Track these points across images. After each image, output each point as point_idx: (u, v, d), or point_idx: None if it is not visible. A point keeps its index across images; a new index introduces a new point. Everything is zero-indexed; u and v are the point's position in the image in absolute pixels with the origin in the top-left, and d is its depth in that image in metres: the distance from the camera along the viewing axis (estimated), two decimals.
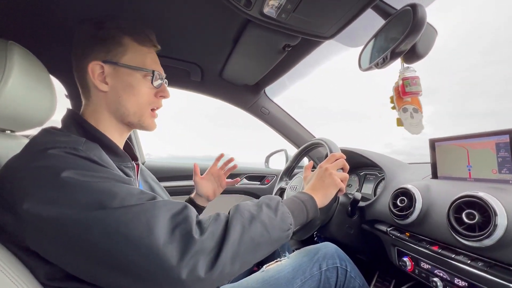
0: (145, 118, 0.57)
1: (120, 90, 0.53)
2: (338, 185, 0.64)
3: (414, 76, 0.59)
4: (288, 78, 1.11)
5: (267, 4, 0.57)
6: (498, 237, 0.47)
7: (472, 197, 0.51)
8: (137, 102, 0.55)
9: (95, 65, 0.52)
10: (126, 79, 0.53)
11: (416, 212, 0.64)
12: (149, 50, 0.57)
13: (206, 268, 0.37)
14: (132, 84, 0.54)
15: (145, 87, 0.55)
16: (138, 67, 0.54)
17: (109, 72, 0.53)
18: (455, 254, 0.55)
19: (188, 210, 0.42)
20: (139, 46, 0.55)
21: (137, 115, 0.55)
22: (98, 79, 0.52)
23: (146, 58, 0.55)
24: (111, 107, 0.54)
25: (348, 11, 0.58)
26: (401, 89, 0.59)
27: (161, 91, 0.58)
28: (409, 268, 0.68)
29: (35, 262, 0.40)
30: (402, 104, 0.60)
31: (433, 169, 0.75)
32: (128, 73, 0.53)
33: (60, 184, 0.37)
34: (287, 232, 0.49)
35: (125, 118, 0.55)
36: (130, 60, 0.54)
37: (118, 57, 0.53)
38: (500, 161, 0.59)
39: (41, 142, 0.43)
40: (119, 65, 0.53)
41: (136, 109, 0.55)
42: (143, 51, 0.55)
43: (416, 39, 0.52)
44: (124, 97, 0.54)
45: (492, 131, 0.60)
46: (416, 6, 0.49)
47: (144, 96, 0.55)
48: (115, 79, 0.53)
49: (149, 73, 0.55)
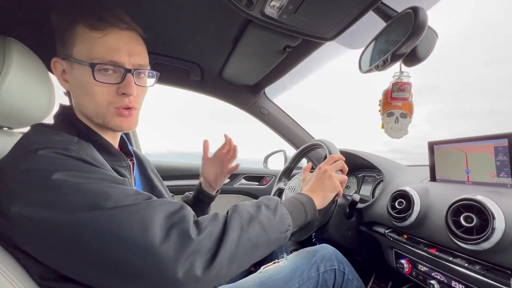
0: (109, 119, 0.48)
1: (76, 89, 0.48)
2: (336, 187, 0.63)
3: (406, 82, 0.59)
4: (288, 79, 1.11)
5: (268, 4, 0.57)
6: (496, 240, 0.47)
7: (470, 200, 0.51)
8: (94, 102, 0.47)
9: (55, 62, 0.48)
10: (77, 76, 0.46)
11: (414, 214, 0.65)
12: (102, 34, 0.45)
13: (202, 267, 0.37)
14: (81, 81, 0.46)
15: (97, 85, 0.45)
16: (81, 60, 0.44)
17: (67, 69, 0.47)
18: (452, 256, 0.55)
19: (185, 209, 0.41)
20: (89, 33, 0.45)
21: (100, 116, 0.48)
22: (62, 78, 0.49)
23: (94, 46, 0.44)
24: (77, 108, 0.50)
25: (349, 13, 0.58)
26: (389, 94, 0.60)
27: (122, 87, 0.46)
28: (406, 270, 0.68)
29: (29, 262, 0.39)
30: (388, 109, 0.61)
31: (432, 171, 0.75)
32: (77, 68, 0.46)
33: (51, 186, 0.36)
34: (285, 233, 0.49)
35: (92, 119, 0.49)
36: (78, 52, 0.45)
37: (70, 51, 0.46)
38: (499, 164, 0.59)
39: (32, 142, 0.41)
40: (71, 61, 0.46)
41: (96, 110, 0.47)
42: (92, 37, 0.45)
43: (417, 42, 0.52)
44: (80, 96, 0.48)
45: (491, 135, 0.60)
46: (417, 9, 0.49)
47: (98, 94, 0.46)
48: (71, 77, 0.47)
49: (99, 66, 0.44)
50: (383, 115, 0.62)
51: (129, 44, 0.47)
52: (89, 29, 0.45)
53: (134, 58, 0.48)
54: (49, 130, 0.46)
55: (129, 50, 0.47)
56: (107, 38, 0.45)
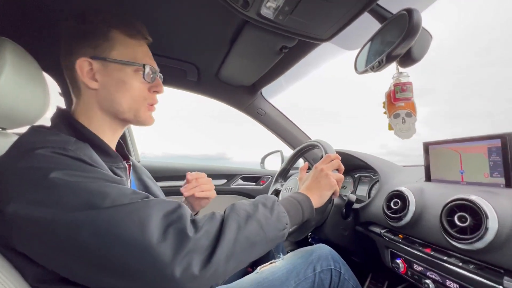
0: (142, 113, 0.55)
1: (112, 87, 0.51)
2: (333, 186, 0.64)
3: (406, 82, 0.59)
4: (284, 79, 1.12)
5: (264, 5, 0.57)
6: (489, 240, 0.48)
7: (464, 200, 0.52)
8: (131, 98, 0.53)
9: (83, 62, 0.50)
10: (117, 75, 0.51)
11: (410, 214, 0.65)
12: (139, 43, 0.54)
13: (200, 266, 0.37)
14: (123, 79, 0.51)
15: (137, 82, 0.53)
16: (128, 61, 0.51)
17: (98, 69, 0.50)
18: (447, 256, 0.56)
19: (182, 208, 0.41)
20: (128, 39, 0.52)
21: (133, 110, 0.54)
22: (87, 77, 0.50)
23: (136, 52, 0.53)
24: (103, 105, 0.52)
25: (345, 14, 0.59)
26: (392, 95, 0.60)
27: (155, 86, 0.56)
28: (402, 270, 0.69)
29: (23, 263, 0.39)
30: (393, 110, 0.61)
31: (427, 172, 0.75)
32: (118, 68, 0.51)
33: (48, 185, 0.36)
34: (282, 231, 0.49)
35: (120, 115, 0.53)
36: (119, 55, 0.51)
37: (107, 52, 0.50)
38: (492, 165, 0.60)
39: (29, 141, 0.42)
40: (108, 61, 0.50)
41: (131, 105, 0.53)
42: (132, 44, 0.53)
43: (411, 43, 0.52)
44: (116, 93, 0.52)
45: (485, 135, 0.61)
46: (412, 11, 0.50)
47: (137, 91, 0.53)
48: (105, 76, 0.51)
49: (140, 67, 0.52)
50: (390, 117, 0.61)
51: (151, 53, 0.58)
52: (126, 36, 0.52)
53: (155, 65, 0.57)
54: (47, 131, 0.47)
55: (153, 58, 0.57)
56: (143, 47, 0.55)
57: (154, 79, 0.55)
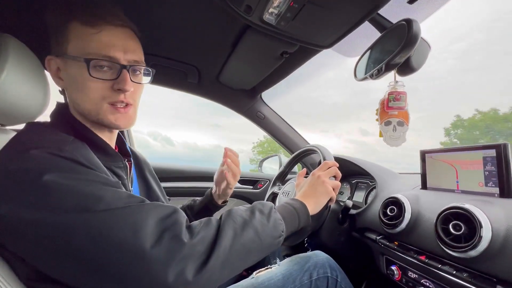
0: (104, 115, 0.47)
1: (71, 86, 0.47)
2: (330, 193, 0.64)
3: (401, 92, 0.61)
4: (284, 84, 1.12)
5: (267, 11, 0.58)
6: (483, 248, 0.48)
7: (458, 209, 0.52)
8: (87, 98, 0.46)
9: (49, 60, 0.48)
10: (72, 73, 0.46)
11: (405, 221, 0.65)
12: (97, 30, 0.45)
13: (194, 272, 0.36)
14: (76, 77, 0.46)
15: (92, 81, 0.45)
16: (76, 56, 0.44)
17: (61, 66, 0.47)
18: (441, 264, 0.56)
19: (178, 214, 0.41)
20: (84, 29, 0.45)
21: (93, 113, 0.47)
22: (55, 76, 0.48)
23: (89, 42, 0.44)
24: (72, 106, 0.50)
25: (346, 22, 0.60)
26: (386, 103, 0.61)
27: (117, 83, 0.46)
28: (396, 277, 0.69)
29: (17, 263, 0.38)
30: (385, 118, 0.62)
31: (423, 179, 0.76)
32: (71, 64, 0.46)
33: (42, 187, 0.35)
34: (278, 238, 0.49)
35: (87, 117, 0.48)
36: (73, 49, 0.45)
37: (64, 48, 0.45)
38: (487, 174, 0.60)
39: (25, 141, 0.41)
40: (66, 57, 0.46)
41: (90, 106, 0.47)
42: (87, 34, 0.45)
43: (410, 53, 0.53)
44: (74, 93, 0.47)
45: (480, 145, 0.62)
46: (411, 21, 0.51)
47: (92, 91, 0.46)
48: (65, 74, 0.47)
49: (97, 62, 0.44)
50: (381, 124, 0.63)
51: (124, 41, 0.47)
52: (83, 26, 0.45)
53: (129, 54, 0.48)
54: (44, 129, 0.46)
55: (124, 47, 0.47)
56: (101, 34, 0.45)
57: (120, 73, 0.46)
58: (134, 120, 0.51)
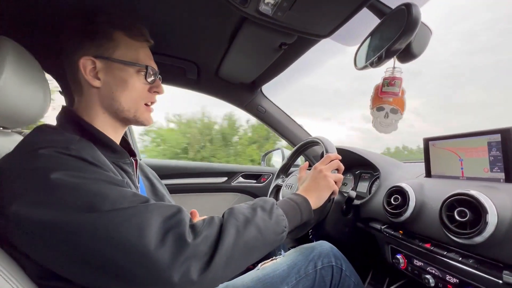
0: (140, 113, 0.56)
1: (113, 86, 0.53)
2: (332, 187, 0.64)
3: (395, 77, 0.59)
4: (284, 76, 1.11)
5: (263, 2, 0.57)
6: (488, 234, 0.48)
7: (464, 195, 0.52)
8: (131, 98, 0.54)
9: (86, 60, 0.51)
10: (119, 74, 0.53)
11: (410, 210, 0.65)
12: (142, 45, 0.56)
13: (199, 271, 0.37)
14: (125, 79, 0.53)
15: (139, 83, 0.55)
16: (131, 62, 0.53)
17: (101, 68, 0.52)
18: (447, 251, 0.56)
19: (182, 213, 0.41)
20: (131, 41, 0.54)
21: (132, 110, 0.55)
22: (90, 75, 0.51)
23: (139, 53, 0.55)
24: (104, 103, 0.53)
25: (343, 10, 0.58)
26: (380, 88, 0.60)
27: (155, 86, 0.57)
28: (402, 266, 0.69)
29: (28, 262, 0.39)
30: (378, 103, 0.61)
31: (427, 167, 0.75)
32: (121, 68, 0.53)
33: (49, 185, 0.36)
34: (281, 234, 0.49)
35: (120, 114, 0.54)
36: (123, 55, 0.53)
37: (110, 52, 0.52)
38: (492, 159, 0.59)
39: (32, 141, 0.43)
40: (111, 60, 0.52)
41: (131, 105, 0.54)
42: (135, 45, 0.55)
43: (410, 38, 0.52)
44: (117, 92, 0.53)
45: (484, 130, 0.61)
46: (410, 6, 0.49)
47: (137, 91, 0.55)
48: (108, 75, 0.52)
49: (142, 68, 0.54)
50: (372, 109, 0.62)
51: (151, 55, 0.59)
52: (129, 38, 0.54)
53: (156, 67, 0.58)
54: (51, 130, 0.47)
55: (153, 59, 0.59)
56: (145, 49, 0.57)
57: (155, 80, 0.57)
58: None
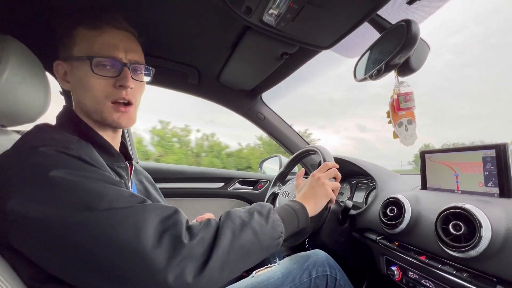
0: (107, 113, 0.49)
1: (77, 87, 0.50)
2: (329, 195, 0.64)
3: (408, 92, 0.61)
4: (285, 85, 1.13)
5: (267, 12, 0.59)
6: (483, 248, 0.48)
7: (458, 209, 0.53)
8: (92, 97, 0.48)
9: (57, 65, 0.51)
10: (76, 73, 0.49)
11: (405, 221, 0.66)
12: (100, 32, 0.48)
13: (194, 273, 0.37)
14: (80, 77, 0.48)
15: (95, 78, 0.47)
16: (80, 56, 0.47)
17: (67, 69, 0.50)
18: (441, 264, 0.56)
19: (179, 214, 0.41)
20: (87, 32, 0.48)
21: (98, 111, 0.49)
22: (62, 79, 0.51)
23: (93, 43, 0.48)
24: (78, 107, 0.52)
25: (345, 23, 0.60)
26: (396, 104, 0.61)
27: (119, 80, 0.49)
28: (397, 277, 0.69)
29: (19, 262, 0.39)
30: (397, 119, 0.62)
31: (423, 179, 0.76)
32: (76, 66, 0.49)
33: (48, 182, 0.36)
34: (277, 240, 0.49)
35: (92, 116, 0.50)
36: (78, 51, 0.48)
37: (70, 51, 0.48)
38: (486, 174, 0.60)
39: (32, 139, 0.43)
40: (70, 59, 0.49)
41: (94, 105, 0.49)
42: (92, 36, 0.48)
43: (409, 53, 0.54)
44: (80, 93, 0.50)
45: (480, 145, 0.62)
46: (410, 22, 0.51)
47: (96, 88, 0.48)
48: (71, 76, 0.50)
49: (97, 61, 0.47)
50: (395, 126, 0.63)
51: (125, 42, 0.51)
52: (87, 29, 0.48)
53: (130, 54, 0.51)
54: (51, 130, 0.47)
55: (125, 47, 0.50)
56: (104, 36, 0.48)
57: (121, 71, 0.49)
58: (135, 120, 0.54)
